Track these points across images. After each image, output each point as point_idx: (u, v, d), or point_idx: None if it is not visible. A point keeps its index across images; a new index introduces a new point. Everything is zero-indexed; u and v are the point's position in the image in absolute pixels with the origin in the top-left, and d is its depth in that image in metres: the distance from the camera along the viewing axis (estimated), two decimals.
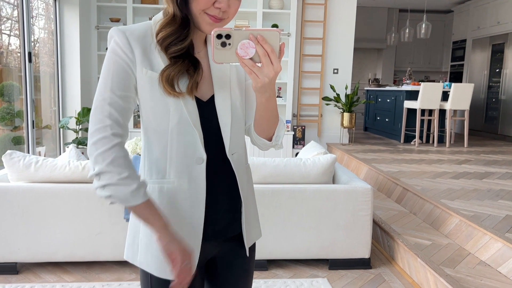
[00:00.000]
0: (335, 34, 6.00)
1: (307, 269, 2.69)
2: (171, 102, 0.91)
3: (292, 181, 2.64)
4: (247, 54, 0.84)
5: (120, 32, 0.92)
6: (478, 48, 7.91)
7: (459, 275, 2.28)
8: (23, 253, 2.49)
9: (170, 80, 0.90)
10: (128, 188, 0.88)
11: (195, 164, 0.95)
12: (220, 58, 0.84)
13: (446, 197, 3.29)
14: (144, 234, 0.99)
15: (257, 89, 0.89)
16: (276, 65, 0.84)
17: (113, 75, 0.90)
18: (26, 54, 4.11)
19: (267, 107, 0.95)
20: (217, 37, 0.82)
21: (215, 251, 1.06)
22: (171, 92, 0.90)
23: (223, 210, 1.02)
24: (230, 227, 1.04)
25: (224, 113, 0.98)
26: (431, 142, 6.32)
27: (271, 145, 1.05)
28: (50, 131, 5.02)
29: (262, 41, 0.82)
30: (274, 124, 1.02)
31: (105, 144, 0.88)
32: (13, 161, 2.48)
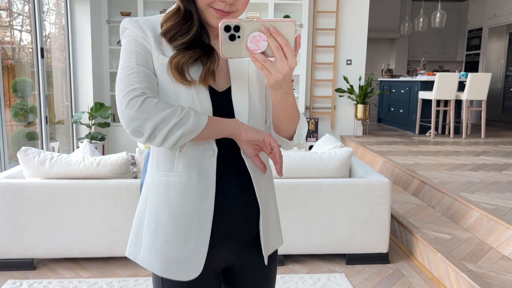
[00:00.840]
0: (348, 24, 5.89)
1: (323, 264, 2.65)
2: (181, 91, 0.87)
3: (308, 175, 2.60)
4: (258, 47, 0.76)
5: (132, 21, 0.91)
6: (495, 37, 7.72)
7: (481, 270, 2.22)
8: (40, 249, 2.49)
9: (180, 68, 0.86)
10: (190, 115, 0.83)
11: (205, 157, 0.90)
12: (228, 52, 0.77)
13: (466, 190, 3.21)
14: (148, 231, 0.94)
15: (270, 86, 0.81)
16: (290, 60, 0.76)
17: (136, 52, 0.88)
18: (38, 50, 4.11)
19: (283, 104, 0.87)
20: (225, 29, 0.75)
21: (231, 259, 0.99)
22: (181, 80, 0.86)
23: (235, 210, 0.94)
24: (243, 229, 0.95)
25: (240, 107, 0.91)
26: (446, 133, 6.20)
27: (292, 144, 0.98)
28: (63, 126, 5.04)
29: (275, 33, 0.75)
30: (294, 121, 0.94)
31: (138, 100, 0.82)
32: (28, 157, 2.47)
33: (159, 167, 0.92)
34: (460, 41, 9.55)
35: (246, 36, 0.76)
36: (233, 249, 0.97)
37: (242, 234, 0.96)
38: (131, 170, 2.62)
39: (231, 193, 0.93)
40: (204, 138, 0.86)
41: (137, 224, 0.97)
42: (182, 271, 0.91)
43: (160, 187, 0.92)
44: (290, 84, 0.83)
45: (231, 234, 0.95)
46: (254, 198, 0.95)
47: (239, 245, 0.97)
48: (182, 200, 0.90)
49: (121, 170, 2.53)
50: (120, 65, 0.89)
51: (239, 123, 0.88)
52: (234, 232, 0.95)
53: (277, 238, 1.04)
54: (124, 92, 0.83)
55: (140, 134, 0.82)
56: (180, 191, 0.90)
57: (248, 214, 0.95)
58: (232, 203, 0.93)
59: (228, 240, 0.95)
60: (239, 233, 0.95)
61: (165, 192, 0.91)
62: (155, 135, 0.82)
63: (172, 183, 0.91)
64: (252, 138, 0.88)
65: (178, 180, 0.90)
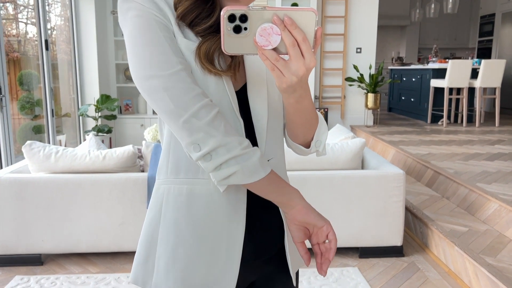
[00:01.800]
0: (357, 12, 5.75)
1: (336, 257, 2.58)
2: (211, 82, 0.72)
3: (319, 167, 2.52)
4: (269, 43, 0.61)
5: None
6: (509, 22, 7.51)
7: (501, 264, 2.13)
8: (47, 244, 2.45)
9: (210, 56, 0.70)
10: (255, 155, 0.69)
11: None
12: (232, 47, 0.62)
13: (482, 180, 3.11)
14: (164, 251, 0.78)
15: (282, 89, 0.66)
16: (308, 59, 0.61)
17: (166, 39, 0.69)
18: (43, 42, 4.05)
19: (298, 109, 0.72)
20: (229, 19, 0.60)
21: (255, 275, 0.86)
22: (212, 69, 0.71)
23: (260, 224, 0.81)
24: (269, 245, 0.83)
25: (258, 106, 0.77)
26: (459, 122, 6.06)
27: (309, 152, 0.83)
28: (70, 119, 5.00)
29: (291, 25, 0.59)
30: (312, 127, 0.79)
31: (210, 111, 0.68)
32: (33, 151, 2.43)
33: (179, 173, 0.77)
34: (473, 27, 9.33)
35: (254, 28, 0.61)
36: (256, 266, 0.84)
37: (268, 249, 0.83)
38: (137, 164, 2.56)
39: (255, 205, 0.79)
40: (253, 188, 0.73)
41: (146, 244, 0.81)
42: None
43: (180, 198, 0.77)
44: (307, 86, 0.68)
45: (258, 250, 0.82)
46: (276, 209, 0.83)
47: (262, 261, 0.85)
48: (209, 212, 0.76)
49: (128, 163, 2.47)
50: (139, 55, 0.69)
51: (300, 197, 0.75)
52: (261, 248, 0.82)
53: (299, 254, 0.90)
54: (188, 97, 0.68)
55: (197, 148, 0.68)
56: (206, 201, 0.76)
57: (272, 227, 0.83)
58: (256, 216, 0.81)
59: (255, 257, 0.82)
60: (265, 249, 0.83)
61: (187, 203, 0.76)
62: (211, 157, 0.68)
63: (197, 192, 0.76)
64: (311, 221, 0.74)
65: (205, 189, 0.76)
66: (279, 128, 0.82)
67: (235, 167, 0.68)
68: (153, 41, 0.69)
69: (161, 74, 0.68)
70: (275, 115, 0.80)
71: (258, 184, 0.71)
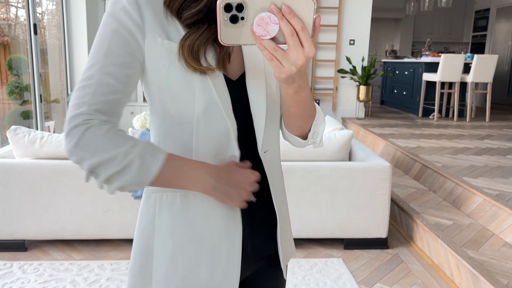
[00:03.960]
0: (352, 3, 5.72)
1: (321, 248, 2.59)
2: (196, 82, 0.69)
3: (306, 158, 2.51)
4: (267, 32, 0.59)
5: None
6: (503, 18, 7.52)
7: (482, 257, 2.16)
8: (31, 230, 2.44)
9: (196, 52, 0.67)
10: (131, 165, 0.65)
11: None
12: (229, 38, 0.60)
13: (469, 174, 3.13)
14: (161, 261, 0.75)
15: (281, 79, 0.64)
16: (307, 48, 0.59)
17: (110, 45, 0.68)
18: (31, 26, 3.98)
19: (296, 100, 0.70)
20: (225, 8, 0.58)
21: (251, 271, 0.85)
22: (196, 67, 0.68)
23: (257, 221, 0.81)
24: (267, 242, 0.83)
25: (257, 97, 0.75)
26: (450, 116, 6.09)
27: (306, 143, 0.81)
28: (59, 105, 4.95)
29: (289, 14, 0.57)
30: (310, 118, 0.77)
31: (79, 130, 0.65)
32: (18, 136, 2.40)
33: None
34: (467, 22, 9.33)
35: (251, 17, 0.59)
36: (253, 263, 0.84)
37: (266, 248, 0.83)
38: None
39: (252, 207, 0.78)
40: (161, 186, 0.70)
41: (141, 253, 0.78)
42: None
43: (174, 205, 0.75)
44: (306, 76, 0.67)
45: (258, 249, 0.82)
46: (271, 207, 0.83)
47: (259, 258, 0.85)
48: (205, 218, 0.75)
49: None
50: (89, 54, 0.69)
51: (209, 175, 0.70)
52: (260, 246, 0.82)
53: (291, 246, 0.91)
54: (69, 115, 0.66)
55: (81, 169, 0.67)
56: (201, 207, 0.75)
57: (268, 228, 0.83)
58: (253, 218, 0.80)
59: (254, 256, 0.82)
60: (264, 247, 0.83)
61: (182, 210, 0.75)
62: (98, 175, 0.65)
63: (191, 199, 0.75)
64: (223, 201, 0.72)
65: (199, 195, 0.74)
66: (276, 119, 0.81)
67: (117, 183, 0.65)
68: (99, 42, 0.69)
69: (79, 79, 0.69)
70: (273, 106, 0.78)
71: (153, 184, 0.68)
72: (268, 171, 0.79)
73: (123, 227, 2.47)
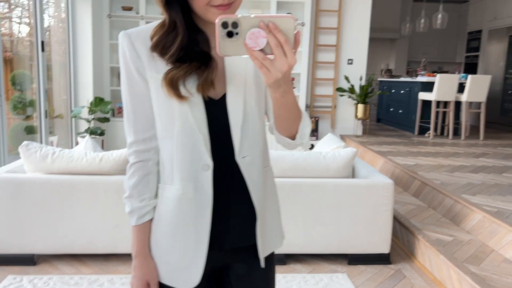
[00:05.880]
0: (350, 24, 5.88)
1: (326, 264, 2.65)
2: (176, 107, 0.87)
3: (311, 175, 2.59)
4: (257, 44, 0.72)
5: (126, 36, 0.89)
6: (495, 39, 7.74)
7: (484, 273, 2.22)
8: (41, 244, 2.47)
9: (174, 83, 0.84)
10: (126, 208, 0.96)
11: (201, 171, 0.90)
12: (226, 50, 0.73)
13: (467, 191, 3.22)
14: (153, 239, 0.97)
15: (269, 84, 0.78)
16: (290, 58, 0.72)
17: (129, 85, 0.92)
18: (39, 43, 4.07)
19: (283, 103, 0.84)
20: (223, 25, 0.72)
21: (225, 260, 1.00)
22: (175, 96, 0.85)
23: (236, 219, 0.95)
24: (244, 237, 0.96)
25: (235, 112, 0.90)
26: (445, 135, 6.22)
27: (295, 144, 0.95)
28: (62, 120, 5.00)
29: (275, 29, 0.71)
30: (296, 120, 0.91)
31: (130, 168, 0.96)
32: (30, 152, 2.45)
33: (160, 180, 0.96)
34: (460, 43, 9.56)
35: (244, 33, 0.72)
36: (229, 253, 0.98)
37: (241, 241, 0.97)
38: None
39: (230, 204, 0.94)
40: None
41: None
42: (182, 280, 0.94)
43: (161, 200, 0.94)
44: (290, 82, 0.80)
45: (230, 242, 0.96)
46: (253, 207, 0.95)
47: (236, 249, 0.98)
48: (180, 213, 0.92)
49: (124, 166, 2.51)
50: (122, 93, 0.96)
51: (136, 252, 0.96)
52: (234, 241, 0.96)
53: (275, 240, 1.04)
54: (127, 141, 0.95)
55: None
56: (177, 204, 0.92)
57: (247, 223, 0.96)
58: (232, 212, 0.94)
59: (224, 248, 0.97)
60: (236, 242, 0.97)
61: (165, 204, 0.93)
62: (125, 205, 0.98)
63: (171, 196, 0.92)
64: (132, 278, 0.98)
65: (176, 194, 0.91)
66: (255, 129, 0.94)
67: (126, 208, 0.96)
68: (123, 83, 0.93)
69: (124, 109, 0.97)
70: (250, 118, 0.92)
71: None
72: (246, 173, 0.93)
73: (131, 242, 2.51)
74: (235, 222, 0.95)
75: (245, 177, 0.92)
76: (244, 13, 0.70)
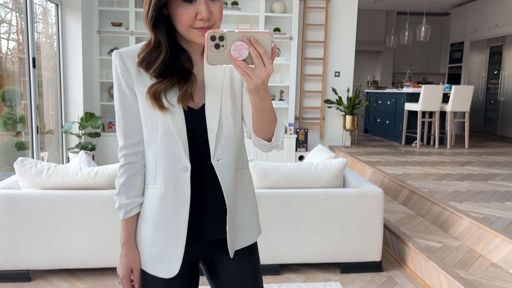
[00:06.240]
0: (336, 37, 6.03)
1: (319, 273, 2.69)
2: (159, 116, 1.00)
3: (303, 185, 2.65)
4: (240, 55, 0.84)
5: (117, 55, 1.02)
6: (476, 50, 7.98)
7: (472, 277, 2.30)
8: (36, 260, 2.48)
9: (157, 95, 0.97)
10: (116, 204, 1.08)
11: (180, 172, 1.02)
12: (213, 60, 0.85)
13: (454, 199, 3.31)
14: (139, 232, 1.09)
15: (250, 90, 0.90)
16: (268, 67, 0.85)
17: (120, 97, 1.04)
18: (30, 60, 4.09)
19: (262, 107, 0.96)
20: (211, 38, 0.83)
21: (207, 252, 1.12)
22: (157, 107, 0.98)
23: (211, 215, 1.07)
24: (217, 231, 1.08)
25: (211, 120, 1.02)
26: (431, 144, 6.36)
27: (271, 145, 1.06)
28: (52, 136, 4.99)
29: (255, 42, 0.83)
30: (272, 124, 1.03)
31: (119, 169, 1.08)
32: (25, 168, 2.47)
33: (147, 179, 1.08)
34: (443, 54, 9.82)
35: (229, 45, 0.84)
36: (207, 246, 1.10)
37: (215, 235, 1.09)
38: None
39: (205, 202, 1.06)
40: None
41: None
42: (164, 270, 1.06)
43: (147, 197, 1.07)
44: (267, 89, 0.92)
45: (206, 235, 1.08)
46: (223, 204, 1.07)
47: (214, 242, 1.10)
48: (162, 209, 1.04)
49: None
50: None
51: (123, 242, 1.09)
52: (208, 234, 1.08)
53: (247, 235, 1.14)
54: (119, 145, 1.08)
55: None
56: (160, 201, 1.04)
57: (220, 218, 1.08)
58: (206, 210, 1.07)
59: (203, 241, 1.09)
60: (212, 235, 1.09)
61: (149, 201, 1.06)
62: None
63: (154, 194, 1.05)
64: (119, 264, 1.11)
65: (159, 192, 1.04)
66: (230, 135, 1.06)
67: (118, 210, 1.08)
68: (115, 95, 1.05)
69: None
70: (225, 125, 1.05)
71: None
72: (220, 174, 1.04)
73: None
74: (210, 217, 1.07)
75: (219, 177, 1.04)
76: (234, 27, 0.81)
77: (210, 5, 0.93)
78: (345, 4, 5.98)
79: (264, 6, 5.49)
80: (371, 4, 8.70)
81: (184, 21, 0.93)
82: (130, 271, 1.09)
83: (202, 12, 0.92)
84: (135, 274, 1.09)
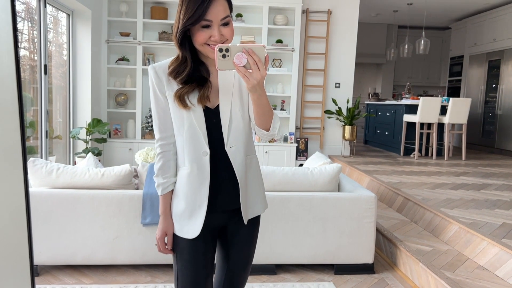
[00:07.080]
0: (337, 50, 6.20)
1: (313, 273, 2.81)
2: (184, 113, 1.29)
3: (300, 189, 2.78)
4: (241, 62, 1.12)
5: (152, 68, 1.32)
6: (475, 64, 8.13)
7: (458, 278, 2.41)
8: (44, 256, 2.61)
9: (182, 97, 1.26)
10: (156, 183, 1.37)
11: (202, 156, 1.30)
12: (221, 66, 1.14)
13: (446, 206, 3.43)
14: (173, 201, 1.39)
15: (249, 89, 1.17)
16: (262, 71, 1.13)
17: (155, 101, 1.33)
18: (42, 67, 4.27)
19: (259, 102, 1.22)
20: (219, 50, 1.13)
21: (224, 221, 1.40)
22: (182, 106, 1.27)
23: (224, 190, 1.34)
24: (231, 202, 1.35)
25: (224, 116, 1.31)
26: (429, 155, 6.47)
27: (269, 134, 1.32)
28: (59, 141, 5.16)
29: (252, 53, 1.12)
30: (270, 117, 1.28)
31: (156, 157, 1.38)
32: (36, 167, 2.62)
33: (178, 164, 1.36)
34: (443, 68, 9.98)
35: (233, 55, 1.13)
36: (224, 216, 1.38)
37: (230, 205, 1.36)
38: (133, 182, 2.77)
39: (222, 180, 1.34)
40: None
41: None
42: (189, 232, 1.34)
43: (178, 178, 1.36)
44: (263, 88, 1.21)
45: (222, 206, 1.35)
46: (238, 182, 1.34)
47: (229, 212, 1.38)
48: (189, 185, 1.32)
49: (124, 181, 2.68)
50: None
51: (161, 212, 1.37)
52: (223, 204, 1.36)
53: (258, 207, 1.42)
54: (155, 138, 1.36)
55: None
56: (187, 179, 1.33)
57: (233, 192, 1.35)
58: (222, 185, 1.34)
59: (220, 211, 1.36)
60: (227, 205, 1.36)
61: (180, 179, 1.35)
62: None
63: (184, 174, 1.33)
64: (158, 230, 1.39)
65: (186, 172, 1.33)
66: (239, 127, 1.33)
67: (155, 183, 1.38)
68: (151, 99, 1.35)
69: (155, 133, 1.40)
70: (235, 120, 1.32)
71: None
72: (232, 158, 1.32)
73: (131, 253, 2.66)
74: (225, 192, 1.35)
75: (231, 161, 1.32)
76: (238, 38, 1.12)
77: (221, 30, 1.22)
78: (346, 17, 6.16)
79: (267, 19, 5.68)
80: (373, 17, 8.90)
81: (200, 41, 1.22)
82: (165, 234, 1.36)
83: (215, 36, 1.21)
84: (169, 237, 1.37)
